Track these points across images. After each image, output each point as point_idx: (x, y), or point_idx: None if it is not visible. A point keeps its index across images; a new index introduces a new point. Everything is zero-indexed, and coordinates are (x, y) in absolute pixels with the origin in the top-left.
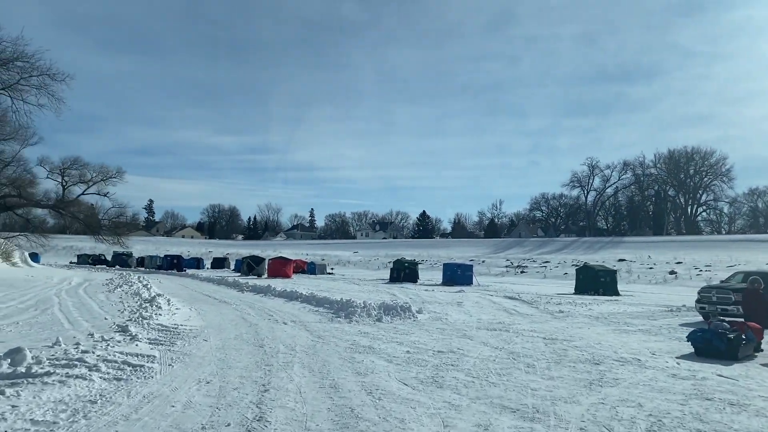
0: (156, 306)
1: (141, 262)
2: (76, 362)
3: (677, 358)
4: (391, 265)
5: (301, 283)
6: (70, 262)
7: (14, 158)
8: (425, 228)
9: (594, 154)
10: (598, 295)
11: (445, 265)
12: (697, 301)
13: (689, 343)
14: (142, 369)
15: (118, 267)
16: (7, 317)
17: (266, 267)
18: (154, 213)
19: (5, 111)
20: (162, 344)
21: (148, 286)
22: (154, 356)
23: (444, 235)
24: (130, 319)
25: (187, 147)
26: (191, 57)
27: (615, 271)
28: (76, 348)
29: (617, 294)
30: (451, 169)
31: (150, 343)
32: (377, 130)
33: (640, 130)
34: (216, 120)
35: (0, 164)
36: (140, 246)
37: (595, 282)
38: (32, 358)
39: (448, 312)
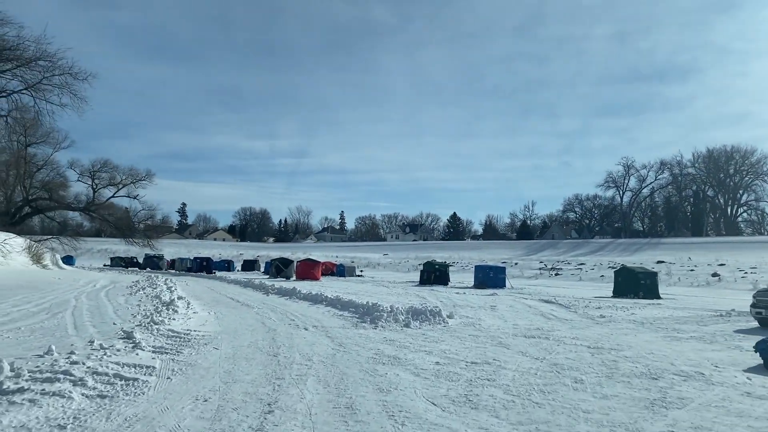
0: (173, 310)
1: (172, 264)
2: (60, 375)
3: (745, 371)
4: (421, 267)
5: (328, 286)
6: (104, 265)
7: (46, 162)
8: (456, 230)
9: (628, 154)
10: (638, 298)
11: (476, 267)
12: (753, 306)
13: (757, 353)
14: (135, 383)
15: (149, 269)
16: (13, 321)
17: (295, 269)
18: (186, 216)
19: (36, 114)
20: (167, 353)
21: (172, 289)
22: (154, 367)
23: (475, 237)
24: (140, 325)
25: (221, 151)
26: (224, 63)
27: (655, 273)
28: (68, 358)
29: (658, 297)
30: (482, 171)
31: (153, 352)
32: (408, 132)
33: (676, 130)
34: (248, 124)
35: (33, 168)
36: (173, 249)
37: (635, 284)
38: (11, 371)
39: (481, 317)
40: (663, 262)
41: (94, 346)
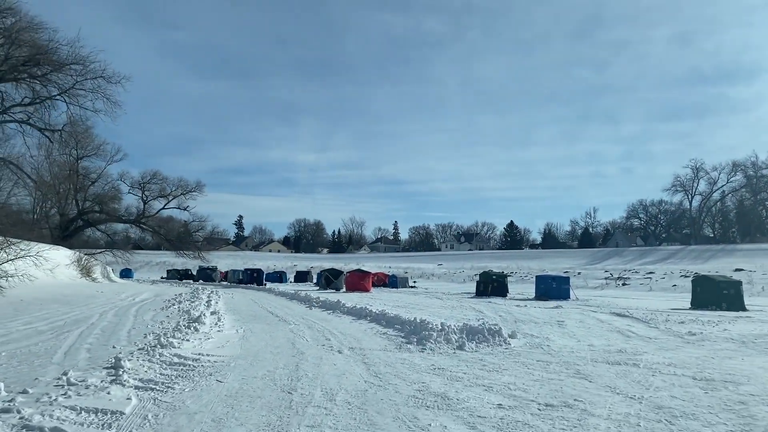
0: (194, 328)
1: (225, 276)
2: None
3: None
4: (478, 277)
5: (378, 298)
6: (161, 278)
7: (100, 175)
8: (513, 239)
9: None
10: (721, 310)
11: (538, 277)
12: None
13: None
14: None
15: (201, 281)
16: (6, 343)
17: (344, 280)
18: (243, 228)
19: (88, 127)
20: (153, 389)
21: (211, 303)
22: (122, 413)
23: (533, 246)
24: (143, 348)
25: (277, 165)
26: (281, 79)
27: (739, 283)
28: (10, 401)
29: (744, 309)
30: (540, 179)
31: (136, 388)
32: (462, 141)
33: (744, 132)
34: (304, 138)
35: (86, 181)
36: (229, 260)
37: (717, 295)
38: None
39: (548, 335)
40: (741, 270)
41: (61, 381)
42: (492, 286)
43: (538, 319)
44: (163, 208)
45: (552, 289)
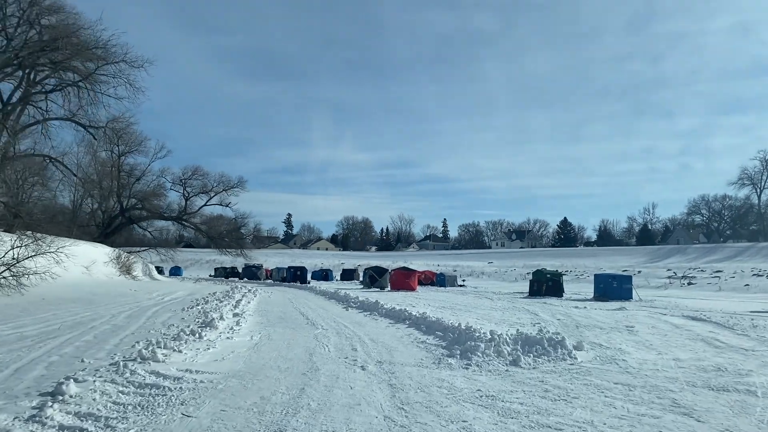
0: (198, 336)
1: (270, 274)
2: None
3: None
4: (531, 276)
5: (422, 298)
6: (209, 275)
7: (144, 173)
8: (567, 236)
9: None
10: None
11: (597, 276)
12: None
13: None
14: None
15: (246, 279)
16: None
17: (389, 279)
18: (292, 227)
19: (130, 123)
20: (84, 430)
21: (241, 303)
22: None
23: (588, 243)
24: (116, 363)
25: (326, 164)
26: (330, 79)
27: None
28: None
29: None
30: (592, 176)
31: (62, 429)
32: (512, 138)
33: None
34: (353, 137)
35: (129, 178)
36: (277, 258)
37: None
38: None
39: (620, 345)
40: None
41: None
42: (546, 285)
43: (603, 324)
44: (205, 205)
45: (612, 288)
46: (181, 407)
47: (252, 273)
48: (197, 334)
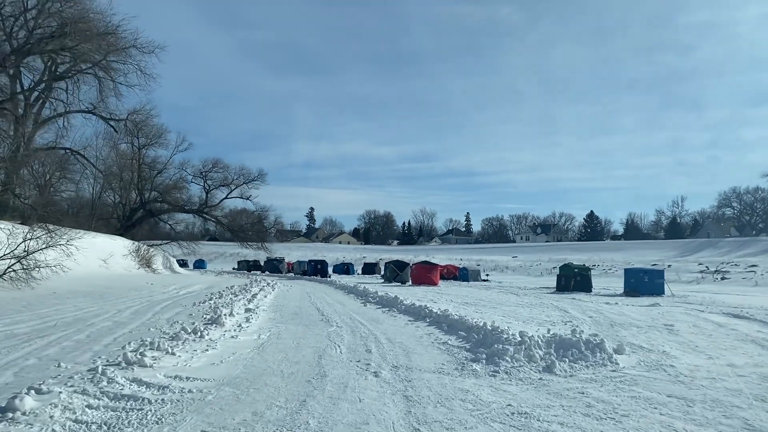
0: (200, 335)
1: (292, 267)
2: None
3: None
4: (557, 270)
5: (444, 293)
6: (233, 268)
7: (166, 165)
8: (593, 230)
9: None
10: None
11: (627, 270)
12: None
13: None
14: None
15: (268, 273)
16: None
17: (410, 273)
18: (314, 220)
19: (149, 115)
20: None
21: (257, 297)
22: None
23: (615, 237)
24: (95, 369)
25: (350, 158)
26: (355, 73)
27: None
28: None
29: None
30: (619, 169)
31: None
32: (537, 132)
33: None
34: (376, 131)
35: (149, 171)
36: (299, 252)
37: None
38: None
39: (663, 347)
40: None
41: None
42: (575, 280)
43: (639, 322)
44: (226, 198)
45: (643, 283)
46: (155, 426)
47: (274, 266)
48: (199, 333)
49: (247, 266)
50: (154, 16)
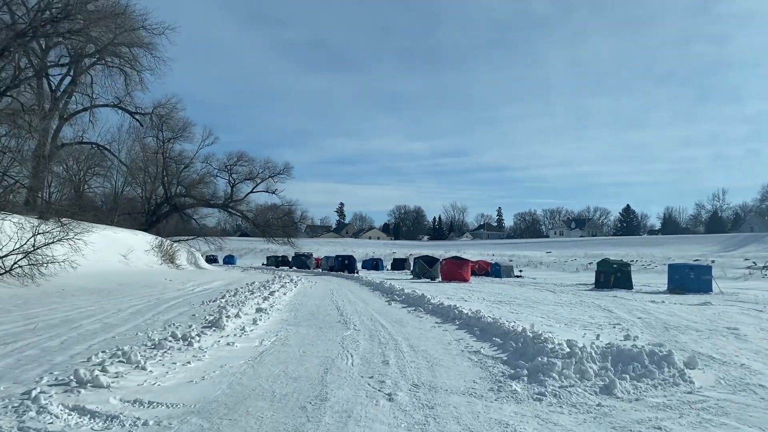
0: (188, 341)
1: (320, 263)
2: None
3: None
4: (595, 266)
5: (476, 290)
6: (262, 264)
7: (192, 159)
8: (629, 224)
9: None
10: None
11: (671, 266)
12: None
13: None
14: None
15: (296, 268)
16: None
17: (440, 269)
18: (344, 216)
19: (173, 107)
20: None
21: (274, 294)
22: None
23: (652, 231)
24: (30, 391)
25: (380, 154)
26: (385, 70)
27: None
28: None
29: None
30: (655, 162)
31: None
32: (571, 125)
33: None
34: (407, 127)
35: (175, 165)
36: (329, 247)
37: None
38: None
39: (738, 359)
40: None
41: None
42: (615, 276)
43: (696, 325)
44: (251, 192)
45: (689, 280)
46: None
47: (302, 262)
48: (189, 340)
49: (276, 262)
50: (188, 16)
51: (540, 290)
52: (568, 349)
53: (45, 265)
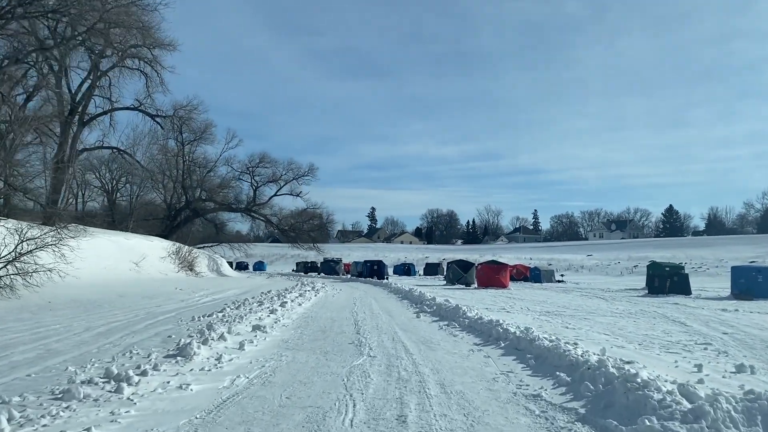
0: (116, 386)
1: (349, 269)
2: None
3: None
4: (645, 270)
5: (518, 297)
6: (292, 270)
7: (216, 163)
8: (672, 225)
9: None
10: None
11: (735, 269)
12: None
13: None
14: None
15: (323, 274)
16: None
17: (475, 274)
18: (376, 220)
19: (194, 108)
20: None
21: (286, 305)
22: None
23: (696, 232)
24: None
25: (413, 159)
26: (417, 75)
27: None
28: None
29: None
30: (695, 163)
31: None
32: (607, 126)
33: None
34: (440, 131)
35: (197, 170)
36: (360, 252)
37: None
38: None
39: None
40: None
41: None
42: (671, 280)
43: None
44: (275, 195)
45: (757, 284)
46: None
47: (330, 268)
48: (122, 381)
49: (305, 268)
50: (222, 25)
51: (588, 297)
52: (686, 403)
53: (30, 274)
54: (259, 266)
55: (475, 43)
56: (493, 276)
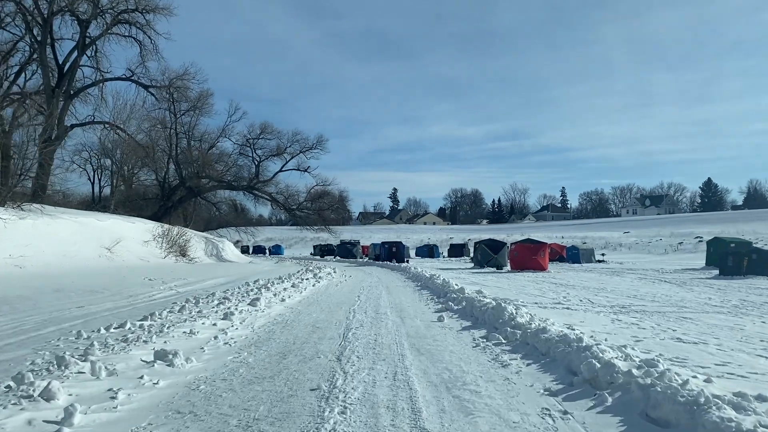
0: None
1: (366, 251)
2: None
3: None
4: (707, 247)
5: (566, 283)
6: (310, 254)
7: (219, 137)
8: (710, 200)
9: None
10: None
11: None
12: None
13: None
14: None
15: (339, 258)
16: None
17: (508, 256)
18: (398, 201)
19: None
20: None
21: (257, 302)
22: None
23: (736, 206)
24: None
25: (436, 140)
26: (440, 56)
27: None
28: None
29: None
30: (727, 137)
31: None
32: (634, 103)
33: None
34: (464, 112)
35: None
36: (382, 234)
37: None
38: None
39: None
40: None
41: None
42: (748, 259)
43: None
44: (281, 171)
45: None
46: None
47: (347, 251)
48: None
49: (321, 251)
50: (245, 13)
51: (650, 281)
52: None
53: None
54: (277, 250)
55: (499, 22)
56: (529, 257)
